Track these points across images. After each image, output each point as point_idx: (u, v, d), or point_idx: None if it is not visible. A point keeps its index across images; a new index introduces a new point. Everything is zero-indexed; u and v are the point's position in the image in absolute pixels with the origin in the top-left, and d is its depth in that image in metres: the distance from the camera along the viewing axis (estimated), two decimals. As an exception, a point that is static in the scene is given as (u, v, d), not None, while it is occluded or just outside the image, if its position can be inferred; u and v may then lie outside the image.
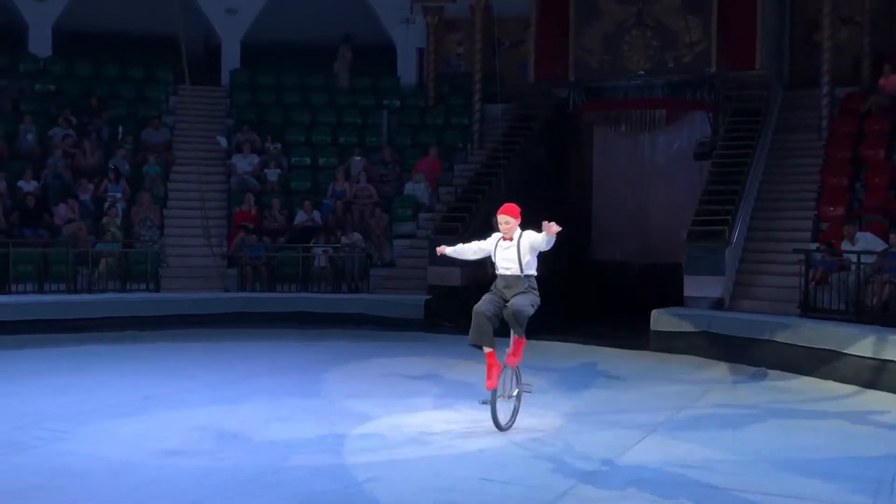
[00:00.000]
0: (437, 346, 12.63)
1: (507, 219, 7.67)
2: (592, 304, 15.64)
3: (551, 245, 7.51)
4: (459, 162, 17.85)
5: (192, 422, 7.98)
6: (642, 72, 16.92)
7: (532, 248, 7.55)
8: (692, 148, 17.09)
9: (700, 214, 13.82)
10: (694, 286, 13.05)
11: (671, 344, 12.28)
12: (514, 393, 7.80)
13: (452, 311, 14.01)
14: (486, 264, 14.09)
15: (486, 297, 7.71)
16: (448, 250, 8.15)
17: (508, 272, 7.65)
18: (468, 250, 8.08)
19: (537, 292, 7.71)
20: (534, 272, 7.71)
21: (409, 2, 19.38)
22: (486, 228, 14.61)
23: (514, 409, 7.81)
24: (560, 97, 17.97)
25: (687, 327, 12.38)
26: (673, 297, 13.24)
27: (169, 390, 9.38)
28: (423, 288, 14.73)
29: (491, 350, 7.60)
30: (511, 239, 7.64)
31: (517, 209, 7.78)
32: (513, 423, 7.75)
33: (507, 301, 7.57)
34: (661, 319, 12.59)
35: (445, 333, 13.48)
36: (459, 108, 18.86)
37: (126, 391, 9.31)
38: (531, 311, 7.58)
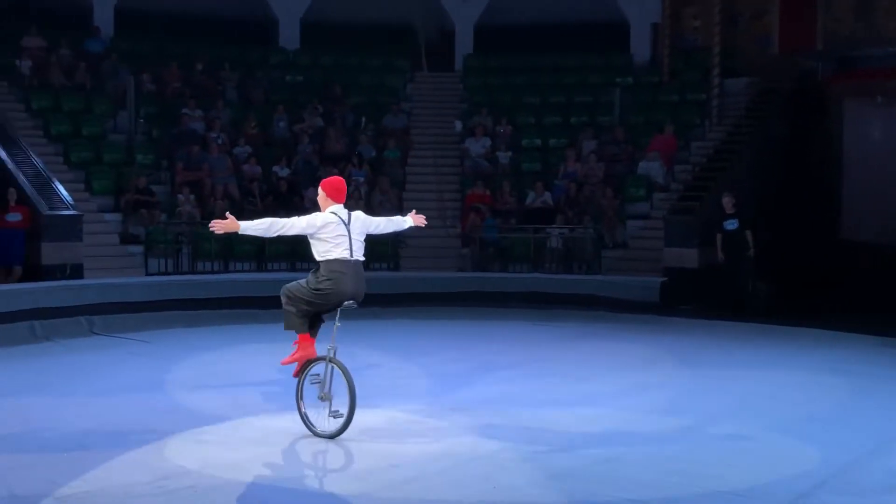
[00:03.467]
0: (673, 329, 12.32)
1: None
2: (843, 288, 14.60)
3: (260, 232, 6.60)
4: (696, 139, 17.24)
5: (431, 396, 8.25)
6: (901, 38, 15.61)
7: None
8: (960, 119, 15.57)
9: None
10: (966, 270, 11.90)
11: (937, 333, 11.25)
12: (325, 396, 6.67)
13: (690, 294, 13.62)
14: (717, 247, 13.65)
15: None
16: None
17: None
18: None
19: (311, 279, 6.61)
20: (317, 258, 6.63)
21: (644, -24, 18.97)
22: (717, 209, 14.09)
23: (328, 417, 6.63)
24: (806, 69, 16.94)
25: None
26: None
27: (408, 364, 9.74)
28: (658, 270, 14.40)
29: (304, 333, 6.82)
30: None
31: (326, 181, 6.79)
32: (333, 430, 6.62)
33: None
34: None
35: (682, 317, 13.12)
36: (696, 83, 18.22)
37: (366, 364, 9.76)
38: (284, 302, 6.73)
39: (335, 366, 6.70)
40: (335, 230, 6.58)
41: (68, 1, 18.68)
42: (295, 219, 6.69)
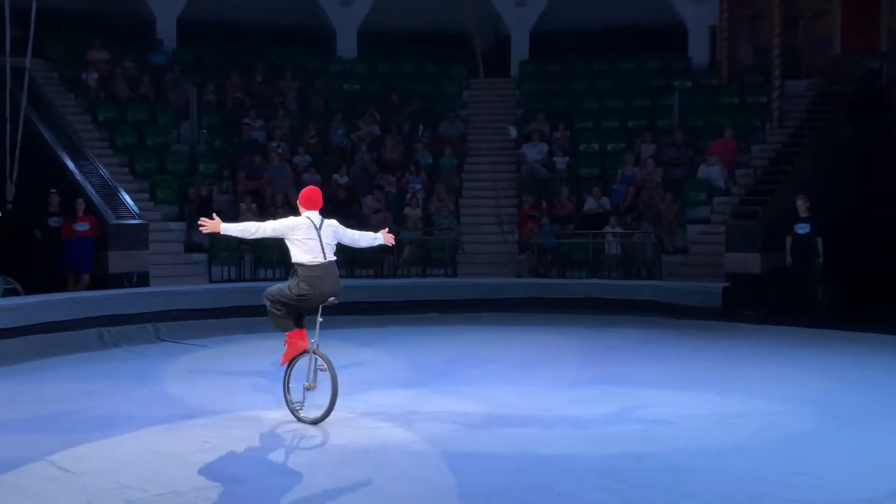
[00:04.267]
0: (736, 335, 12.17)
1: None
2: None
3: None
4: (757, 142, 17.00)
5: (495, 400, 8.27)
6: (970, 36, 15.22)
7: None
8: None
9: None
10: None
11: None
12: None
13: (753, 300, 13.41)
14: (786, 250, 13.39)
15: None
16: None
17: None
18: None
19: (292, 285, 7.26)
20: (294, 260, 7.29)
21: (701, -22, 18.82)
22: (791, 211, 13.82)
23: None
24: (869, 69, 16.60)
25: None
26: None
27: (473, 370, 9.79)
28: (719, 275, 14.22)
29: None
30: None
31: (302, 191, 7.64)
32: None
33: None
34: None
35: (746, 322, 12.95)
36: (756, 85, 17.99)
37: (430, 369, 9.83)
38: (268, 305, 7.41)
39: (319, 357, 7.25)
40: (306, 233, 7.19)
41: (132, 15, 19.13)
42: (270, 221, 7.45)
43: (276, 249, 14.67)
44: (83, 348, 11.04)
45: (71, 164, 14.49)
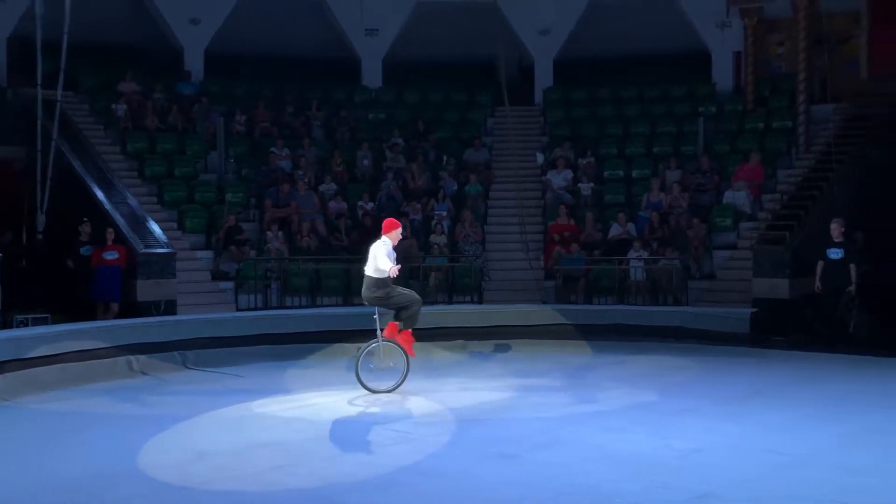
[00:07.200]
0: (764, 362, 12.05)
1: None
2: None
3: None
4: (783, 167, 16.93)
5: (526, 426, 8.23)
6: None
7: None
8: None
9: None
10: None
11: None
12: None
13: (782, 325, 13.28)
14: (816, 275, 13.22)
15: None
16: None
17: None
18: None
19: None
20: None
21: (725, 5, 18.82)
22: (820, 236, 13.68)
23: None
24: (898, 93, 16.48)
25: None
26: None
27: (501, 396, 9.76)
28: (746, 301, 14.11)
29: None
30: None
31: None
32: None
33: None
34: None
35: (773, 349, 12.80)
36: (782, 110, 17.94)
37: (466, 396, 9.80)
38: None
39: (382, 345, 9.99)
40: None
41: (161, 47, 19.42)
42: None
43: (303, 278, 14.84)
44: (113, 377, 11.10)
45: (100, 194, 14.67)
